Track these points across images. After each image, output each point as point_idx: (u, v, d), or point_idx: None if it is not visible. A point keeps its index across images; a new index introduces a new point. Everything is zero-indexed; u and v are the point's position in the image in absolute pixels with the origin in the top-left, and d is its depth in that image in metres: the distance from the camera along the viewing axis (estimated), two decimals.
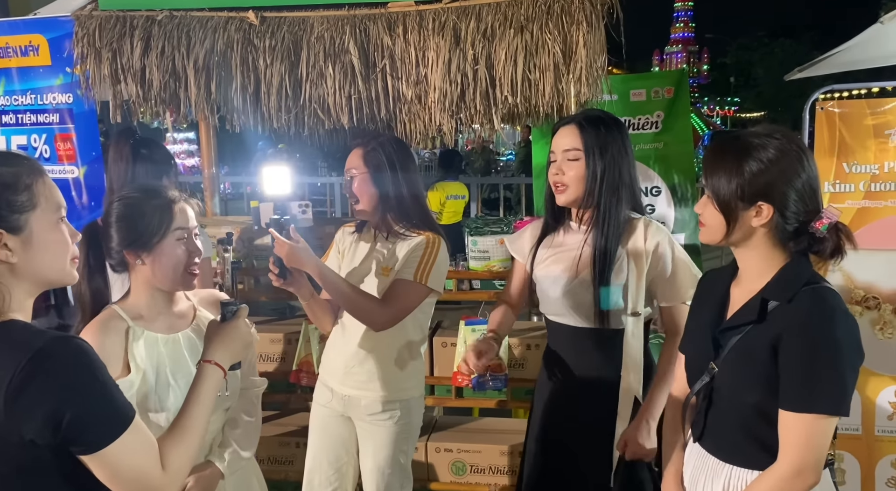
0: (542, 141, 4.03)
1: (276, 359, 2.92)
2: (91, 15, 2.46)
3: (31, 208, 1.13)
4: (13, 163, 1.14)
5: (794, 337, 1.29)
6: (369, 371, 2.03)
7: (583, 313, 1.86)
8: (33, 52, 2.80)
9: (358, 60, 2.32)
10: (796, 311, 1.31)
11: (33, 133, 2.91)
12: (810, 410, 1.26)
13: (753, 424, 1.36)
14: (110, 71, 2.40)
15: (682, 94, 3.78)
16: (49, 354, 1.05)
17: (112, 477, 1.11)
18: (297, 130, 2.48)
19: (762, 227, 1.35)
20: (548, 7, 2.24)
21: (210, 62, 2.37)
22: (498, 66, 2.24)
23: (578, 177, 1.81)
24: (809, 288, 1.32)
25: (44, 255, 1.14)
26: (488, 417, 3.11)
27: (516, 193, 8.82)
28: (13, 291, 1.12)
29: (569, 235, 1.93)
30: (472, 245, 2.80)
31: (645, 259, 1.83)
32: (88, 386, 1.08)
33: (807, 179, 1.33)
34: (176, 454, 1.18)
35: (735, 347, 1.38)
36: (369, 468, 2.08)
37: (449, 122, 2.32)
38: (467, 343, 2.69)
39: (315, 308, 2.02)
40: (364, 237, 2.07)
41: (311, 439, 2.17)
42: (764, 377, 1.32)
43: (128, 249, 1.55)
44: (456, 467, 2.80)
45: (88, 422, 1.07)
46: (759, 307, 1.35)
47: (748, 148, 1.34)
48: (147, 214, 1.54)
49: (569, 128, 1.84)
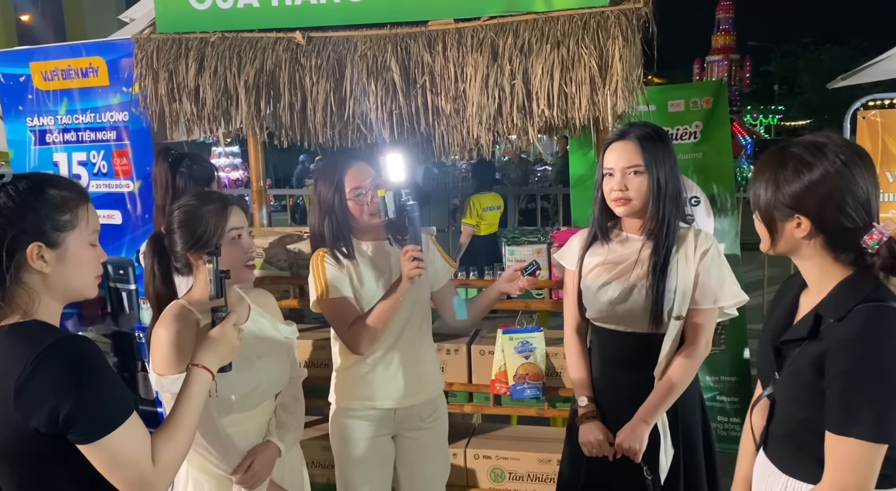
0: (579, 152, 4.07)
1: (320, 365, 3.01)
2: (149, 38, 2.60)
3: (71, 229, 1.29)
4: (65, 187, 1.31)
5: (836, 356, 1.25)
6: (424, 373, 2.17)
7: (635, 319, 1.91)
8: (93, 73, 2.97)
9: (399, 77, 2.41)
10: (844, 329, 1.26)
11: (92, 150, 3.07)
12: (848, 434, 1.23)
13: (804, 438, 1.34)
14: (167, 90, 2.54)
15: (721, 104, 3.78)
16: (55, 351, 1.19)
17: (108, 467, 1.23)
18: (340, 144, 2.58)
19: (805, 238, 1.32)
20: (584, 22, 2.29)
21: (260, 81, 2.49)
22: (535, 80, 2.30)
23: (643, 191, 1.86)
24: (865, 306, 1.26)
25: (74, 270, 1.30)
26: (526, 425, 3.15)
27: (553, 204, 8.83)
28: (43, 298, 1.27)
29: (622, 245, 1.97)
30: (509, 255, 2.85)
31: (694, 266, 1.89)
32: (87, 381, 1.20)
33: (852, 192, 1.27)
34: (165, 450, 1.29)
35: (792, 360, 1.36)
36: (430, 476, 2.21)
37: (486, 135, 2.38)
38: (505, 352, 2.74)
39: (390, 317, 2.01)
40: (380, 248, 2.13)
41: (361, 475, 2.14)
42: (811, 394, 1.30)
43: (191, 251, 1.73)
44: (495, 474, 2.84)
45: (85, 413, 1.19)
46: (812, 323, 1.32)
47: (788, 159, 1.33)
48: (205, 218, 1.72)
49: (626, 143, 1.88)
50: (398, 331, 2.09)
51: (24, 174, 1.31)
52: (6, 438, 1.21)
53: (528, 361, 2.72)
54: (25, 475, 1.25)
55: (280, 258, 2.97)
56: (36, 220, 1.25)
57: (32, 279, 1.26)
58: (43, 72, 3.03)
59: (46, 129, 3.11)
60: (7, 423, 1.20)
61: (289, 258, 2.98)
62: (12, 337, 1.23)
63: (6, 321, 1.25)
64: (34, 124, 3.12)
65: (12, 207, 1.24)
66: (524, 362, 2.73)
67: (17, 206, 1.24)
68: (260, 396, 1.82)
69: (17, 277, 1.25)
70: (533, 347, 2.72)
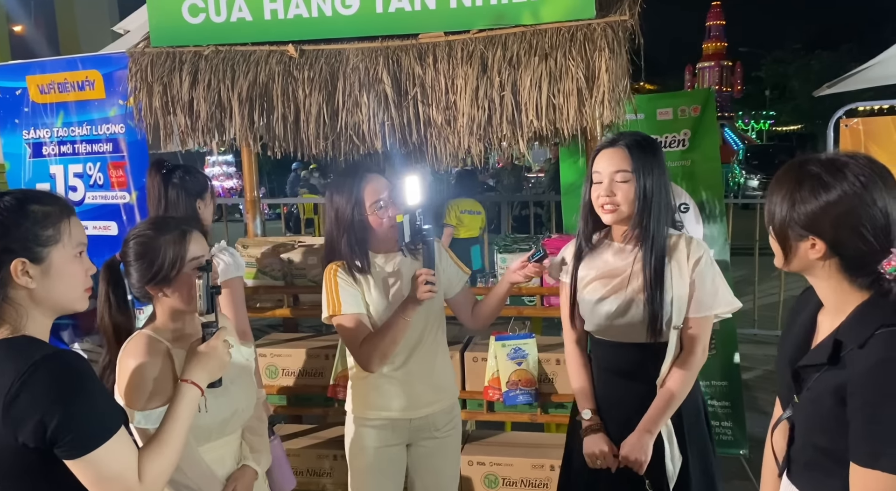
0: (569, 160, 4.12)
1: (314, 374, 3.04)
2: (144, 51, 2.64)
3: (55, 243, 1.30)
4: (47, 202, 1.32)
5: (859, 386, 1.20)
6: (439, 383, 2.19)
7: (633, 330, 1.92)
8: (89, 86, 3.00)
9: (391, 89, 2.45)
10: (866, 356, 1.21)
11: (88, 162, 3.10)
12: (873, 467, 1.18)
13: (829, 466, 1.30)
14: (161, 103, 2.57)
15: (709, 112, 3.84)
16: (43, 366, 1.20)
17: (94, 482, 1.24)
18: (333, 155, 2.62)
19: (820, 260, 1.28)
20: (571, 35, 2.34)
21: (253, 93, 2.52)
22: (523, 91, 2.34)
23: (629, 197, 1.87)
24: (887, 330, 1.20)
25: (60, 284, 1.31)
26: (519, 431, 3.18)
27: (546, 211, 8.88)
28: (30, 313, 1.28)
29: (613, 255, 1.97)
30: (501, 262, 2.89)
31: (687, 274, 1.90)
32: (75, 396, 1.21)
33: (870, 216, 1.22)
34: (152, 466, 1.31)
35: (811, 386, 1.31)
36: (444, 485, 2.23)
37: (477, 145, 2.43)
38: (498, 358, 2.77)
39: (400, 337, 2.01)
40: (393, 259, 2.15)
41: (374, 483, 2.16)
42: (834, 422, 1.25)
43: (149, 284, 1.65)
44: (489, 480, 2.87)
45: (73, 428, 1.20)
46: (832, 349, 1.27)
47: (804, 178, 1.28)
48: (162, 249, 1.63)
49: (616, 150, 1.89)
50: (415, 341, 2.09)
51: (6, 191, 1.32)
52: None
53: (520, 367, 2.76)
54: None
55: (274, 268, 3.01)
56: (18, 235, 1.26)
57: (19, 295, 1.27)
58: (39, 85, 3.06)
59: (42, 141, 3.14)
60: None
61: (282, 268, 3.01)
62: (0, 353, 1.24)
63: None
64: (30, 137, 3.15)
65: None
66: (517, 369, 2.77)
67: (0, 224, 1.25)
68: (237, 420, 1.80)
69: (3, 293, 1.26)
70: (525, 353, 2.76)
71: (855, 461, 1.21)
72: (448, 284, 2.23)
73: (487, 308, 2.25)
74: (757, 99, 32.49)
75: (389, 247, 2.13)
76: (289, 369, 3.05)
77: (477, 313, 2.28)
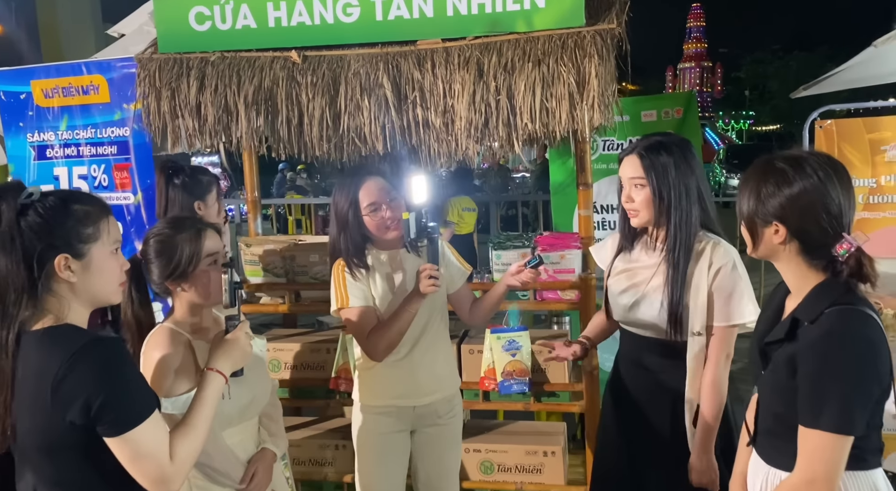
0: (558, 161, 4.27)
1: (315, 367, 3.14)
2: (151, 58, 2.73)
3: (95, 240, 1.41)
4: (88, 202, 1.43)
5: (806, 355, 1.37)
6: (442, 372, 2.30)
7: (649, 325, 2.01)
8: (94, 90, 3.09)
9: (391, 93, 2.56)
10: (814, 331, 1.37)
11: (93, 164, 3.18)
12: (816, 426, 1.34)
13: (782, 431, 1.45)
14: (170, 107, 2.67)
15: (691, 113, 4.01)
16: (88, 351, 1.31)
17: (131, 459, 1.35)
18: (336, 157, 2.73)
19: (782, 244, 1.43)
20: (562, 42, 2.47)
21: (258, 97, 2.62)
22: (518, 96, 2.46)
23: (646, 201, 1.96)
24: (835, 309, 1.37)
25: (98, 278, 1.42)
26: (512, 419, 3.31)
27: (533, 210, 9.03)
28: (72, 304, 1.40)
29: (645, 253, 2.07)
30: (495, 258, 3.01)
31: (707, 281, 1.93)
32: (117, 378, 1.33)
33: (826, 205, 1.39)
34: (182, 447, 1.42)
35: (772, 361, 1.48)
36: (446, 469, 2.35)
37: (474, 147, 2.55)
38: (493, 350, 2.90)
39: (404, 327, 2.12)
40: (396, 256, 2.26)
41: (380, 466, 2.28)
42: (786, 390, 1.41)
43: (168, 280, 1.79)
44: (484, 467, 2.99)
45: (114, 407, 1.31)
46: (790, 326, 1.44)
47: (769, 171, 1.45)
48: (179, 246, 1.77)
49: (630, 157, 1.99)
50: (418, 333, 2.21)
51: (51, 191, 1.42)
52: (44, 432, 1.33)
53: (514, 358, 2.88)
54: (60, 466, 1.37)
55: (276, 265, 3.11)
56: (62, 233, 1.36)
57: (61, 287, 1.38)
58: (44, 89, 3.14)
59: (47, 144, 3.21)
60: (46, 419, 1.31)
61: (284, 265, 3.11)
62: (47, 340, 1.35)
63: (39, 325, 1.37)
64: (34, 140, 3.23)
65: (41, 223, 1.35)
66: (511, 360, 2.89)
67: (46, 222, 1.35)
68: (256, 405, 1.92)
69: (48, 286, 1.37)
70: (519, 345, 2.88)
71: (801, 424, 1.37)
72: (450, 280, 2.35)
73: (484, 307, 2.38)
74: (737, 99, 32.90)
75: (392, 244, 2.25)
76: (290, 363, 3.15)
77: (474, 311, 2.41)
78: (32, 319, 1.36)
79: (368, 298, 2.18)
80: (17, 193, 1.36)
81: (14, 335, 1.35)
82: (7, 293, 1.34)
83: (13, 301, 1.34)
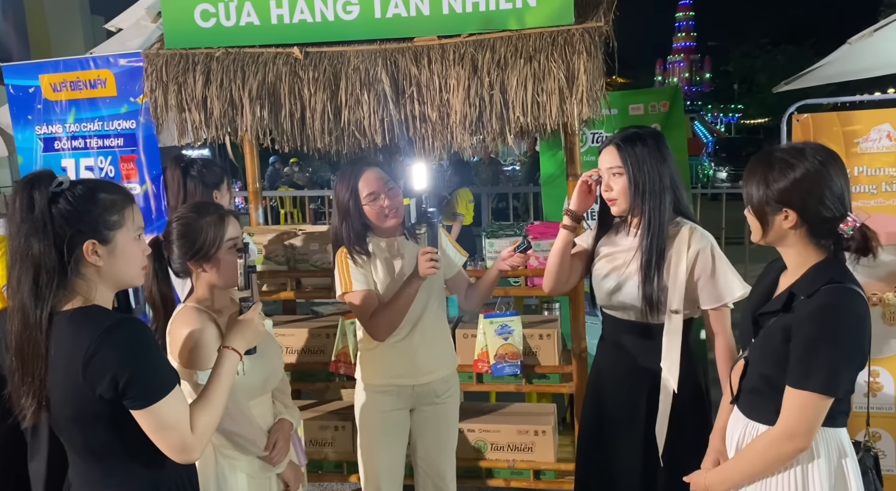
0: (549, 153, 4.40)
1: (316, 351, 3.27)
2: (158, 53, 2.84)
3: (120, 227, 1.51)
4: (113, 191, 1.54)
5: (802, 325, 1.52)
6: (439, 354, 2.42)
7: (629, 310, 2.14)
8: (101, 84, 3.18)
9: (389, 88, 2.68)
10: (810, 304, 1.52)
11: (100, 155, 3.28)
12: (803, 387, 1.50)
13: (766, 390, 1.61)
14: (177, 101, 2.78)
15: (677, 107, 4.14)
16: (115, 330, 1.42)
17: (155, 430, 1.46)
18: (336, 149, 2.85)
19: (791, 228, 1.56)
20: (553, 39, 2.59)
21: (262, 92, 2.73)
22: (510, 90, 2.59)
23: (623, 190, 2.08)
24: (830, 286, 1.52)
25: (123, 262, 1.52)
26: (504, 401, 3.45)
27: (524, 202, 9.16)
28: (98, 287, 1.50)
29: (623, 238, 2.20)
30: (488, 246, 3.15)
31: (686, 264, 2.04)
32: (142, 355, 1.44)
33: (830, 187, 1.52)
34: (202, 420, 1.53)
35: (765, 329, 1.63)
36: (443, 446, 2.47)
37: (469, 140, 2.68)
38: (486, 334, 3.04)
39: (405, 308, 2.23)
40: (395, 243, 2.38)
41: (381, 442, 2.39)
42: (777, 355, 1.56)
43: (190, 260, 1.91)
44: (478, 446, 3.13)
45: (140, 381, 1.42)
46: (786, 299, 1.58)
47: (774, 162, 1.57)
48: (203, 230, 1.89)
49: (609, 148, 2.11)
50: (417, 315, 2.33)
51: (79, 180, 1.53)
52: (77, 405, 1.45)
53: (507, 342, 3.02)
54: (90, 435, 1.49)
55: (278, 254, 3.23)
56: (90, 220, 1.47)
57: (89, 271, 1.48)
58: (52, 83, 3.23)
59: (55, 136, 3.31)
60: (77, 392, 1.43)
61: (286, 254, 3.23)
62: (77, 319, 1.45)
63: (69, 306, 1.48)
64: (42, 132, 3.33)
65: (70, 210, 1.45)
66: (503, 344, 3.03)
67: (75, 209, 1.46)
68: (274, 379, 2.06)
69: (77, 270, 1.47)
70: (511, 329, 3.02)
71: (789, 384, 1.54)
72: (447, 265, 2.48)
73: (479, 291, 2.51)
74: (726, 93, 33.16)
75: (391, 232, 2.37)
76: (292, 348, 3.28)
77: (470, 296, 2.54)
78: (63, 300, 1.47)
79: (370, 282, 2.30)
80: (49, 182, 1.47)
81: (47, 314, 1.45)
82: (40, 275, 1.45)
83: (46, 283, 1.45)
